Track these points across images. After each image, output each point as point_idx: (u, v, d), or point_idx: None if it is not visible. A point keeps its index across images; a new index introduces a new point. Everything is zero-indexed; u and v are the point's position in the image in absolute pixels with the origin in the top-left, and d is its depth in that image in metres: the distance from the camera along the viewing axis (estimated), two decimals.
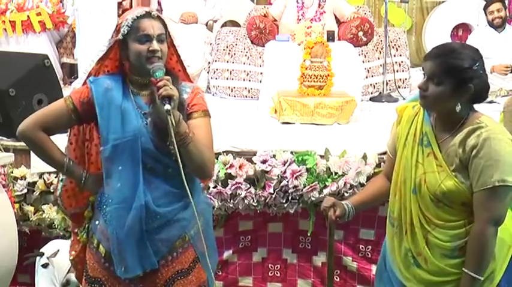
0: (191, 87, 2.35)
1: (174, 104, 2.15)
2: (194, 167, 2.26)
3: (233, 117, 4.71)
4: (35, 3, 6.16)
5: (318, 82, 4.58)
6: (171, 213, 2.29)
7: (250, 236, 3.85)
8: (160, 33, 2.27)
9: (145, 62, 2.25)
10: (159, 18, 2.30)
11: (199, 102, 2.32)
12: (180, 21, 6.08)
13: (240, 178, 3.63)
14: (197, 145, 2.21)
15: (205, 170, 2.30)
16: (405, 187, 2.32)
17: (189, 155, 2.21)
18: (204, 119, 2.31)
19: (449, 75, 2.15)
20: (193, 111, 2.30)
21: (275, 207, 3.70)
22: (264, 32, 5.63)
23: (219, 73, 5.68)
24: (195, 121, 2.28)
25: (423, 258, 2.30)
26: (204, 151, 2.24)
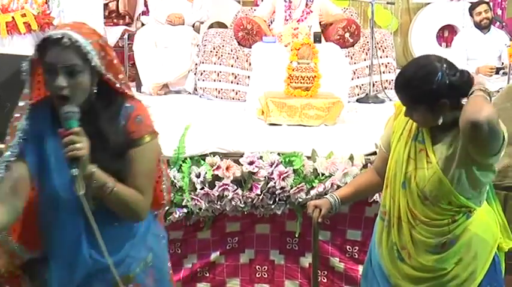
0: (132, 110, 2.06)
1: (83, 164, 1.89)
2: (120, 214, 2.07)
3: (220, 119, 4.71)
4: (20, 4, 6.12)
5: (305, 83, 4.59)
6: (116, 258, 2.08)
7: (238, 237, 3.86)
8: (69, 65, 1.92)
9: (56, 100, 1.97)
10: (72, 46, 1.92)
11: (137, 129, 2.05)
12: (167, 22, 6.08)
13: (227, 179, 3.63)
14: (118, 194, 1.99)
15: (132, 216, 2.09)
16: (395, 181, 2.35)
17: (111, 204, 2.02)
18: (141, 148, 2.05)
19: (418, 103, 2.20)
20: (130, 140, 2.04)
21: (262, 208, 3.71)
22: (251, 33, 5.63)
23: (206, 75, 5.68)
24: (130, 153, 2.04)
25: (407, 252, 2.34)
26: (129, 197, 2.02)
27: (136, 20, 6.83)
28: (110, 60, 2.01)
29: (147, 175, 2.08)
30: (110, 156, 2.00)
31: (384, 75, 5.66)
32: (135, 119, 2.05)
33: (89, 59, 1.94)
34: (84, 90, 1.98)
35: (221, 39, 5.78)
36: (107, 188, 1.97)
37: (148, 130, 2.09)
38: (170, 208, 3.64)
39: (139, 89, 6.19)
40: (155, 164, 2.14)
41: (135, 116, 2.05)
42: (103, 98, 2.03)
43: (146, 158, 2.07)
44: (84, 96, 1.99)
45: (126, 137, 2.03)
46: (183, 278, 3.80)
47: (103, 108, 2.03)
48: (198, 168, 3.64)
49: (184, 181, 3.62)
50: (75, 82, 1.94)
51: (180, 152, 3.68)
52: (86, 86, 1.98)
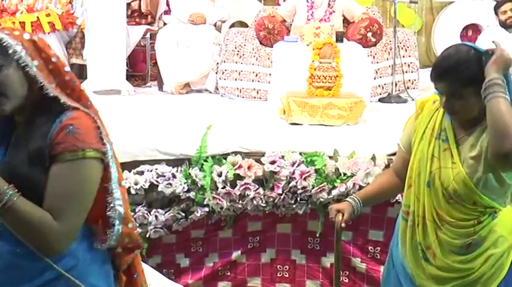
0: (66, 118, 1.73)
1: None
2: (24, 240, 1.67)
3: (242, 118, 4.72)
4: (45, 4, 6.20)
5: (327, 83, 4.58)
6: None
7: (259, 237, 3.86)
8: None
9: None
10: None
11: (65, 141, 1.69)
12: (189, 22, 6.10)
13: (249, 178, 3.64)
14: (18, 210, 1.62)
15: (39, 245, 1.67)
16: (419, 180, 2.33)
17: (9, 223, 1.65)
18: (64, 165, 1.69)
19: (468, 86, 2.15)
20: (55, 153, 1.69)
21: (284, 208, 3.71)
22: (273, 33, 5.64)
23: (227, 74, 5.69)
24: (53, 168, 1.68)
25: (432, 252, 2.32)
26: (34, 218, 1.63)
27: (158, 20, 6.86)
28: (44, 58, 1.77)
29: (68, 198, 1.68)
30: (28, 168, 1.69)
31: (407, 75, 5.62)
32: (65, 128, 1.70)
33: (9, 53, 1.71)
34: (15, 86, 1.73)
35: (243, 38, 5.78)
36: (3, 197, 1.61)
37: (80, 145, 1.69)
38: (192, 207, 3.67)
39: (161, 88, 6.23)
40: (87, 187, 1.72)
41: (66, 125, 1.71)
42: (42, 106, 1.77)
43: (71, 177, 1.69)
44: (18, 95, 1.74)
45: (50, 148, 1.70)
46: (204, 276, 3.82)
47: (39, 115, 1.76)
48: (219, 167, 3.65)
49: (205, 179, 3.63)
50: (1, 77, 1.71)
51: (202, 151, 3.70)
52: (16, 82, 1.73)
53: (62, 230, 1.66)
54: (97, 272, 1.82)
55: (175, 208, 3.68)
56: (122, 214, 1.79)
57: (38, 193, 1.67)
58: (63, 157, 1.68)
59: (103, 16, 5.77)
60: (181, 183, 3.64)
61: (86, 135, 1.72)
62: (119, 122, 4.46)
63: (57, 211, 1.66)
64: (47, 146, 1.70)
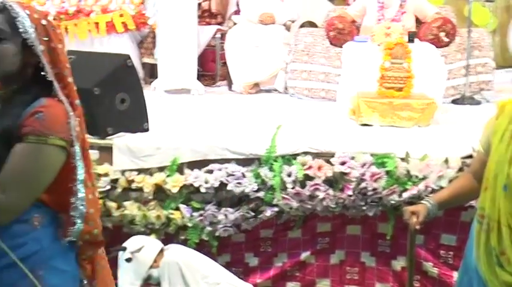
0: (40, 104, 1.80)
1: None
2: None
3: (311, 118, 4.71)
4: (118, 5, 6.33)
5: (398, 84, 4.52)
6: None
7: (328, 238, 3.84)
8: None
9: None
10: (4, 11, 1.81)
11: (31, 124, 1.76)
12: (259, 21, 6.12)
13: (319, 179, 3.62)
14: None
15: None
16: (496, 183, 2.26)
17: None
18: (23, 146, 1.76)
19: None
20: (20, 134, 1.77)
21: (354, 209, 3.68)
22: (343, 33, 5.60)
23: (296, 74, 5.68)
24: (15, 147, 1.76)
25: (506, 259, 2.24)
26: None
27: (228, 20, 6.91)
28: (51, 44, 1.84)
29: (17, 175, 1.75)
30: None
31: (481, 76, 5.48)
32: (35, 113, 1.77)
33: (19, 30, 1.79)
34: (7, 61, 1.80)
35: (312, 38, 5.77)
36: None
37: (44, 131, 1.76)
38: (261, 206, 3.68)
39: (230, 88, 6.28)
40: (40, 171, 1.79)
41: (37, 111, 1.77)
42: (28, 83, 1.86)
43: (26, 157, 1.76)
44: (8, 69, 1.82)
45: (18, 129, 1.77)
46: (273, 276, 3.83)
47: (21, 93, 1.84)
48: (289, 167, 3.65)
49: (275, 179, 3.64)
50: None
51: (272, 151, 3.70)
52: (11, 58, 1.80)
53: (5, 203, 1.73)
54: (60, 257, 1.88)
55: (244, 207, 3.70)
56: (83, 213, 1.85)
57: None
58: (26, 139, 1.76)
59: (174, 16, 5.85)
60: (251, 182, 3.66)
61: (52, 124, 1.78)
62: (189, 121, 4.54)
63: (6, 185, 1.73)
64: (16, 127, 1.77)
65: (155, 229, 3.74)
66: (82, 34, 6.11)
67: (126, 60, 3.99)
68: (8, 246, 1.76)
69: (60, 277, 1.88)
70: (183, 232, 3.76)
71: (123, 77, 3.94)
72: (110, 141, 3.82)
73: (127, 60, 3.99)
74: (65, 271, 1.91)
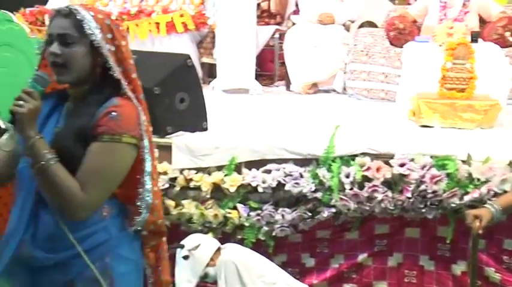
0: (113, 104, 1.90)
1: (21, 124, 1.79)
2: (52, 202, 1.86)
3: (370, 119, 4.68)
4: (179, 5, 6.41)
5: (460, 85, 4.43)
6: (51, 260, 1.90)
7: (386, 240, 3.79)
8: (62, 33, 1.88)
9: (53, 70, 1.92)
10: (70, 15, 1.90)
11: (106, 124, 1.87)
12: (318, 21, 6.09)
13: (377, 180, 3.58)
14: (52, 174, 1.80)
15: (65, 208, 1.85)
16: None
17: (44, 184, 1.85)
18: (100, 145, 1.86)
19: None
20: (95, 133, 1.87)
21: (412, 212, 3.63)
22: (403, 33, 5.52)
23: (356, 74, 5.64)
24: (91, 146, 1.86)
25: None
26: (65, 184, 1.81)
27: (287, 20, 6.91)
28: (116, 42, 1.93)
29: (96, 173, 1.85)
30: (72, 141, 1.87)
31: None
32: (109, 113, 1.87)
33: (86, 33, 1.88)
34: (78, 64, 1.90)
35: (372, 38, 5.72)
36: (41, 159, 1.79)
37: (118, 130, 1.87)
38: (319, 207, 3.66)
39: (288, 88, 6.28)
40: (116, 168, 1.90)
41: (111, 111, 1.87)
42: (99, 84, 1.95)
43: (103, 156, 1.86)
44: (79, 72, 1.91)
45: (93, 128, 1.87)
46: (329, 277, 3.81)
47: (92, 94, 1.94)
48: (347, 168, 3.62)
49: (333, 180, 3.62)
50: (68, 51, 1.88)
51: (330, 152, 3.68)
52: (81, 60, 1.90)
53: (85, 200, 1.84)
54: (127, 246, 2.00)
55: (302, 207, 3.69)
56: (149, 204, 1.96)
57: (75, 164, 1.85)
58: (100, 138, 1.86)
59: (233, 16, 5.89)
60: (309, 183, 3.65)
61: (126, 123, 1.88)
62: (247, 121, 4.56)
63: (85, 183, 1.83)
64: (91, 126, 1.87)
65: (212, 228, 3.76)
66: (143, 34, 6.21)
67: (186, 60, 4.03)
68: (79, 235, 1.89)
69: (126, 265, 1.99)
70: (240, 231, 3.78)
71: (183, 76, 3.98)
72: (169, 140, 3.87)
73: (187, 60, 4.03)
74: (131, 259, 2.02)
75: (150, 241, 2.09)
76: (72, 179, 1.83)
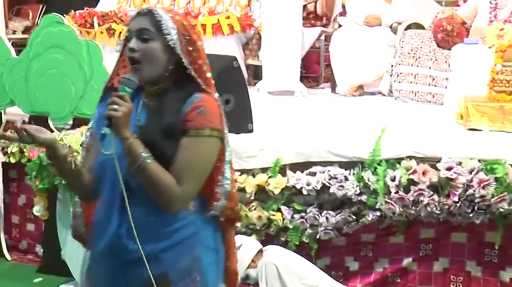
0: (198, 99, 1.97)
1: (118, 127, 1.88)
2: (152, 195, 1.95)
3: (417, 122, 4.63)
4: (225, 7, 6.47)
5: (510, 87, 4.35)
6: (146, 251, 1.96)
7: (432, 244, 3.75)
8: (141, 28, 1.97)
9: (130, 66, 2.01)
10: (149, 14, 1.99)
11: (195, 119, 1.95)
12: (364, 23, 6.06)
13: (423, 184, 3.54)
14: (150, 171, 1.90)
15: (162, 202, 1.95)
16: None
17: (142, 180, 1.93)
18: (191, 140, 1.95)
19: None
20: (186, 128, 1.95)
21: (459, 216, 3.57)
22: (451, 35, 5.45)
23: (402, 77, 5.59)
24: (182, 141, 1.95)
25: None
26: (162, 179, 1.91)
27: (333, 21, 6.89)
28: (192, 42, 2.00)
29: (191, 168, 1.95)
30: (161, 137, 1.96)
31: None
32: (197, 108, 1.96)
33: (163, 31, 1.96)
34: (155, 60, 1.97)
35: (419, 40, 5.66)
36: (138, 158, 1.89)
37: (208, 125, 1.96)
38: (363, 210, 3.64)
39: (334, 90, 6.26)
40: (207, 161, 1.99)
41: (198, 106, 1.96)
42: (178, 81, 2.02)
43: (196, 150, 1.95)
44: (156, 68, 1.98)
45: (182, 124, 1.95)
46: (373, 282, 3.78)
47: (174, 90, 2.01)
48: (393, 171, 3.59)
49: (378, 183, 3.59)
50: (145, 47, 1.96)
51: (376, 155, 3.66)
52: (158, 57, 1.97)
53: (182, 193, 1.94)
54: (211, 237, 2.10)
55: (346, 210, 3.67)
56: (228, 191, 2.07)
57: (166, 158, 1.93)
58: (191, 132, 1.95)
59: (279, 18, 5.90)
60: (354, 186, 3.63)
61: (212, 117, 1.98)
62: (292, 123, 4.56)
63: (181, 177, 1.93)
64: (179, 122, 1.95)
65: (256, 230, 3.77)
66: None
67: (232, 61, 4.05)
68: (171, 229, 2.00)
69: (212, 255, 2.11)
70: (283, 233, 3.78)
71: (229, 78, 3.98)
72: None
73: (233, 61, 4.05)
74: (216, 249, 2.13)
75: (229, 228, 2.20)
76: (167, 174, 1.93)
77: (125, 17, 6.60)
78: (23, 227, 4.76)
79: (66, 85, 4.13)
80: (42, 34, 4.25)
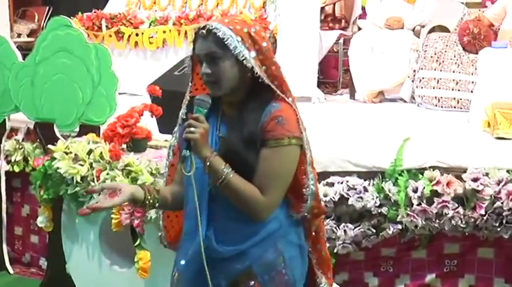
0: (274, 109, 2.13)
1: (196, 148, 2.05)
2: (240, 208, 2.14)
3: (440, 129, 4.63)
4: (239, 9, 6.48)
5: None
6: (233, 251, 2.18)
7: (457, 260, 3.73)
8: (208, 53, 2.12)
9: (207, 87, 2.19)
10: (211, 35, 2.12)
11: (274, 129, 2.10)
12: (385, 26, 6.06)
13: (447, 196, 3.52)
14: (232, 185, 2.07)
15: (250, 212, 2.13)
16: None
17: (228, 195, 2.12)
18: (272, 150, 2.11)
19: None
20: (265, 139, 2.11)
21: (486, 230, 3.55)
22: (478, 38, 5.45)
23: (425, 82, 5.59)
24: (262, 152, 2.12)
25: None
26: (245, 192, 2.09)
27: (352, 24, 6.89)
28: (259, 48, 2.13)
29: (274, 177, 2.12)
30: (243, 147, 2.12)
31: None
32: (275, 118, 2.11)
33: (229, 46, 2.08)
34: (228, 77, 2.12)
35: (443, 44, 5.66)
36: (221, 175, 2.06)
37: (286, 134, 2.11)
38: (383, 223, 3.63)
39: (352, 96, 6.25)
40: (288, 169, 2.16)
41: (276, 116, 2.11)
42: (254, 89, 2.16)
43: (276, 160, 2.11)
44: (231, 84, 2.13)
45: (261, 134, 2.12)
46: None
47: (251, 99, 2.17)
48: (415, 182, 3.57)
49: (400, 195, 3.57)
50: (217, 69, 2.11)
51: (397, 165, 3.64)
52: (230, 74, 2.11)
53: (267, 203, 2.12)
54: (294, 231, 2.28)
55: (365, 223, 3.65)
56: (314, 191, 2.24)
57: (249, 167, 2.11)
58: (271, 143, 2.11)
59: (296, 21, 5.91)
60: (373, 197, 3.61)
61: (290, 126, 2.12)
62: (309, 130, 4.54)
63: (264, 187, 2.10)
64: (259, 132, 2.11)
65: None
66: None
67: None
68: (256, 228, 2.17)
69: (295, 250, 2.28)
70: None
71: None
72: None
73: None
74: (298, 243, 2.30)
75: (314, 222, 2.37)
76: (250, 185, 2.10)
77: (134, 19, 6.65)
78: (27, 239, 4.79)
79: (74, 91, 4.14)
80: (49, 37, 4.27)
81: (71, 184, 3.73)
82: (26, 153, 4.43)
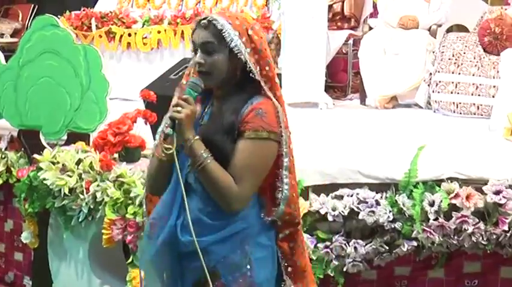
0: (257, 102, 2.29)
1: (180, 128, 2.21)
2: (211, 194, 2.29)
3: (459, 138, 4.62)
4: (239, 7, 6.51)
5: None
6: (193, 244, 2.27)
7: (477, 280, 3.73)
8: (204, 42, 2.29)
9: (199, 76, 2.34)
10: (210, 26, 2.28)
11: (253, 121, 2.26)
12: (399, 25, 6.08)
13: (467, 210, 3.52)
14: (209, 171, 2.23)
15: (222, 201, 2.28)
16: None
17: (202, 179, 2.28)
18: (249, 141, 2.27)
19: None
20: (243, 129, 2.27)
21: (510, 248, 3.56)
22: (500, 38, 5.47)
23: (442, 86, 5.60)
24: (240, 142, 2.27)
25: None
26: (221, 178, 2.24)
27: (363, 24, 6.91)
28: (255, 46, 2.28)
29: (248, 168, 2.26)
30: (220, 136, 2.27)
31: None
32: (254, 110, 2.27)
33: (226, 40, 2.25)
34: (220, 69, 2.28)
35: (462, 44, 5.68)
36: (199, 159, 2.21)
37: (264, 127, 2.26)
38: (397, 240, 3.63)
39: (363, 102, 6.26)
40: (264, 162, 2.31)
41: (256, 108, 2.27)
42: (241, 82, 2.32)
43: (252, 152, 2.26)
44: (223, 76, 2.30)
45: (240, 125, 2.27)
46: None
47: (237, 92, 2.32)
48: (431, 195, 3.58)
49: (415, 209, 3.57)
50: (211, 60, 2.27)
51: (412, 176, 3.65)
52: (222, 66, 2.28)
53: (240, 193, 2.26)
54: (263, 234, 2.40)
55: (377, 239, 3.65)
56: (287, 196, 2.37)
57: (225, 156, 2.25)
58: (249, 134, 2.26)
59: (301, 20, 5.93)
60: (386, 211, 3.61)
61: (270, 120, 2.28)
62: (316, 139, 4.56)
63: (238, 177, 2.25)
64: (238, 122, 2.27)
65: None
66: None
67: None
68: (221, 223, 2.31)
69: (263, 252, 2.39)
70: None
71: None
72: None
73: None
74: (267, 246, 2.41)
75: (284, 230, 2.46)
76: (226, 174, 2.25)
77: (126, 18, 6.68)
78: (10, 257, 4.80)
79: (61, 95, 4.16)
80: (33, 38, 4.30)
81: (58, 197, 3.74)
82: (10, 163, 4.43)
